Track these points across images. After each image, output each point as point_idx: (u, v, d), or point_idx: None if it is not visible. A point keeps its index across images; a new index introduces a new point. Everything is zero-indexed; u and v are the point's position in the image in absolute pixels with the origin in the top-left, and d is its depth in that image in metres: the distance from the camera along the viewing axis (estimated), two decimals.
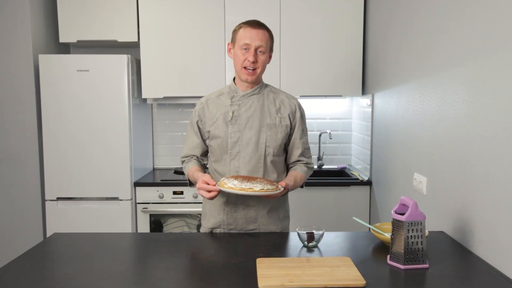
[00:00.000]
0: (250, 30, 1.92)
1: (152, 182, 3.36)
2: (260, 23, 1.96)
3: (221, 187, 1.78)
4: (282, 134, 2.00)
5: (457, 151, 1.87)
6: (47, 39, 3.49)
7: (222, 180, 1.81)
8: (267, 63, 1.99)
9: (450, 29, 1.95)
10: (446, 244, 1.81)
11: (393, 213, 1.57)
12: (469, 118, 1.77)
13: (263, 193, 1.76)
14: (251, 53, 1.91)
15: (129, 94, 3.24)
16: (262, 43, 1.92)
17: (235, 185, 1.76)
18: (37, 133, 3.31)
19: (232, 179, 1.79)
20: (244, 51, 1.92)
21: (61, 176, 3.26)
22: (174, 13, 3.40)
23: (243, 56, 1.93)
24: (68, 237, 1.90)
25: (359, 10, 3.40)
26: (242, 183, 1.76)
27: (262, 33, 1.94)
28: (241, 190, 1.74)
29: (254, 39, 1.91)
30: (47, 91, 3.21)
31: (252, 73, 1.94)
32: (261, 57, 1.94)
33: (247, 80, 1.96)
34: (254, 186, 1.75)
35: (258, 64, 1.94)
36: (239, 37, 1.94)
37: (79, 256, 1.65)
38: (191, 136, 2.10)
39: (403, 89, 2.55)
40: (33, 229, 3.38)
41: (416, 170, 2.34)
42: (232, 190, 1.75)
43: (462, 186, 1.84)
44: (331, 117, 3.88)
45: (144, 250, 1.77)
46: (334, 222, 3.27)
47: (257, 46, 1.91)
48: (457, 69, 1.88)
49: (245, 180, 1.78)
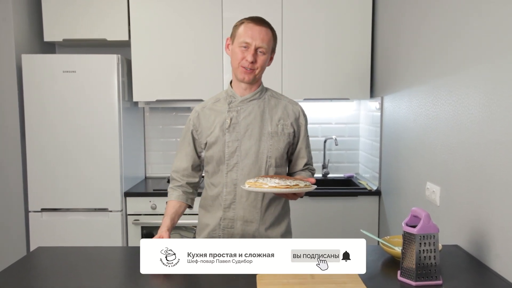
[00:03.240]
0: (252, 27, 1.89)
1: (144, 192, 3.36)
2: (263, 21, 1.93)
3: (258, 188, 1.74)
4: (284, 143, 1.99)
5: (473, 159, 1.88)
6: (30, 38, 3.50)
7: (256, 181, 1.77)
8: (267, 65, 1.97)
9: (465, 26, 1.97)
10: (460, 259, 1.81)
11: (404, 226, 1.58)
12: (486, 123, 1.78)
13: (307, 189, 1.77)
14: (251, 52, 1.88)
15: (119, 97, 3.25)
16: (263, 43, 1.89)
17: (278, 183, 1.74)
18: (20, 139, 3.31)
19: (268, 179, 1.77)
20: (243, 49, 1.89)
21: (46, 186, 3.26)
22: (168, 9, 3.42)
23: (242, 55, 1.89)
24: (54, 251, 1.90)
25: (368, 7, 3.42)
26: (285, 181, 1.76)
27: (265, 31, 1.91)
28: (287, 188, 1.73)
29: (256, 38, 1.88)
30: (31, 94, 3.22)
31: (250, 72, 1.90)
32: (261, 57, 1.91)
33: (243, 80, 1.92)
34: (290, 183, 1.75)
35: (257, 65, 1.90)
36: (239, 33, 1.91)
37: (65, 272, 1.65)
38: (184, 147, 2.06)
39: (414, 92, 2.56)
40: (15, 242, 3.37)
41: (428, 179, 2.34)
42: (277, 189, 1.73)
43: (478, 197, 1.84)
44: (337, 121, 3.89)
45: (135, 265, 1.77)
46: (340, 235, 3.27)
47: (258, 46, 1.88)
48: (473, 70, 1.89)
49: (282, 179, 1.78)
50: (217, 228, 2.00)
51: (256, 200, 1.97)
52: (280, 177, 1.81)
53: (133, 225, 3.31)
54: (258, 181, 1.77)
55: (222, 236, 1.99)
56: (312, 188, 1.81)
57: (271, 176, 1.82)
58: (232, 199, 1.97)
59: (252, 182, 1.77)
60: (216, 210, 2.01)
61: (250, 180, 1.79)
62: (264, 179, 1.78)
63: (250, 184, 1.77)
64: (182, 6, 3.41)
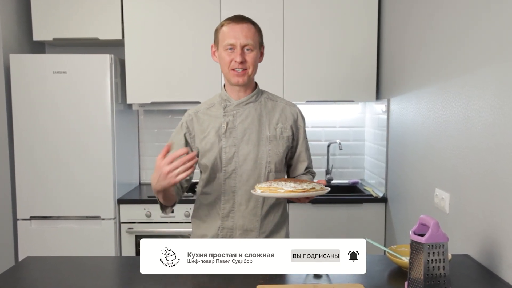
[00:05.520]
0: (233, 27, 1.89)
1: (138, 199, 3.37)
2: (243, 17, 1.93)
3: (274, 193, 1.75)
4: (283, 147, 2.00)
5: (485, 164, 1.88)
6: (19, 37, 3.51)
7: (270, 186, 1.77)
8: (259, 62, 1.97)
9: (476, 25, 1.97)
10: (471, 269, 1.81)
11: (412, 234, 1.58)
12: (498, 126, 1.78)
13: (323, 192, 1.79)
14: (238, 53, 1.87)
15: (112, 99, 3.26)
16: (248, 40, 1.88)
17: (295, 188, 1.75)
18: (8, 143, 3.31)
19: (283, 183, 1.77)
20: (229, 51, 1.89)
21: (35, 192, 3.27)
22: (164, 7, 3.43)
23: (229, 57, 1.89)
24: (43, 261, 1.90)
25: (373, 3, 3.43)
26: (301, 184, 1.77)
27: (247, 27, 1.90)
28: (304, 192, 1.74)
29: (239, 37, 1.88)
30: (19, 96, 3.23)
31: (243, 73, 1.90)
32: (250, 54, 1.90)
33: (238, 83, 1.92)
34: (307, 186, 1.76)
35: (248, 64, 1.90)
36: (222, 36, 1.91)
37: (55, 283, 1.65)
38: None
39: (422, 93, 2.57)
40: (2, 252, 3.37)
41: (437, 185, 2.34)
42: (294, 194, 1.74)
43: (489, 204, 1.84)
44: (341, 125, 3.89)
45: (129, 276, 1.77)
46: None
47: (243, 44, 1.88)
48: (484, 71, 1.90)
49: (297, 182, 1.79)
50: (215, 237, 1.99)
51: (256, 208, 1.97)
52: (294, 180, 1.82)
53: (127, 234, 3.31)
54: (272, 186, 1.77)
55: None
56: (327, 190, 1.83)
57: (285, 180, 1.83)
58: (231, 207, 1.97)
59: (266, 187, 1.77)
60: (213, 220, 2.01)
61: (262, 185, 1.79)
62: (279, 183, 1.78)
63: (264, 189, 1.77)
64: (178, 3, 3.42)
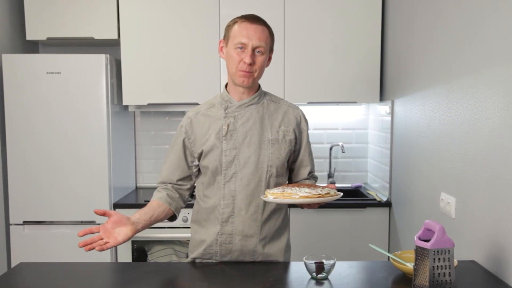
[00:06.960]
0: (247, 26, 1.89)
1: (135, 203, 3.36)
2: (258, 18, 1.93)
3: (288, 199, 1.75)
4: (285, 151, 1.99)
5: (492, 167, 1.89)
6: (11, 36, 3.52)
7: (283, 191, 1.78)
8: (266, 66, 1.97)
9: (483, 25, 1.98)
10: (478, 276, 1.81)
11: (416, 240, 1.58)
12: (506, 128, 1.79)
13: (337, 197, 1.81)
14: (248, 54, 1.87)
15: (108, 100, 3.26)
16: (261, 42, 1.88)
17: (309, 193, 1.76)
18: (0, 145, 3.32)
19: (296, 189, 1.79)
20: (239, 50, 1.89)
21: (28, 196, 3.27)
22: (161, 6, 3.43)
23: (238, 57, 1.89)
24: (37, 268, 1.90)
25: (377, 3, 3.44)
26: (315, 189, 1.79)
27: (262, 29, 1.90)
28: (319, 197, 1.76)
29: (252, 37, 1.87)
30: (12, 97, 3.23)
31: (249, 75, 1.89)
32: (260, 58, 1.90)
33: (242, 84, 1.91)
34: (322, 191, 1.79)
35: (255, 67, 1.90)
36: (234, 34, 1.91)
37: None
38: (172, 155, 2.04)
39: (428, 95, 2.57)
40: None
41: (443, 190, 2.35)
42: (310, 199, 1.75)
43: (497, 208, 1.85)
44: (344, 127, 3.89)
45: (125, 283, 1.78)
46: (348, 249, 3.28)
47: (255, 46, 1.88)
48: (491, 71, 1.90)
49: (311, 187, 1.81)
50: (214, 243, 1.99)
51: (257, 213, 1.96)
52: (308, 185, 1.84)
53: None
54: (285, 192, 1.78)
55: (220, 252, 1.99)
56: (341, 195, 1.85)
57: (298, 185, 1.84)
58: (230, 212, 1.96)
59: (279, 193, 1.77)
60: (212, 225, 2.00)
61: (275, 191, 1.80)
62: (292, 188, 1.79)
63: (276, 195, 1.77)
64: (176, 2, 3.43)
